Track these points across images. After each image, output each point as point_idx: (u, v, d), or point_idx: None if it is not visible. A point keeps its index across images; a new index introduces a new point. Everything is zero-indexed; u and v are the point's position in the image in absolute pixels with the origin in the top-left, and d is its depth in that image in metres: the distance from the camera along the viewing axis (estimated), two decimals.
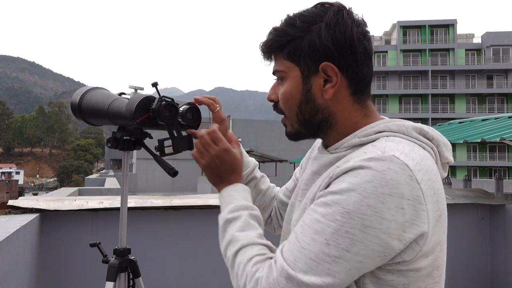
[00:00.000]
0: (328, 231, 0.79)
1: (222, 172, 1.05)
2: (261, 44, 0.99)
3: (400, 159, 0.81)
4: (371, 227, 0.77)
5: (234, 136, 1.17)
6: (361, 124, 0.95)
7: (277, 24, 0.98)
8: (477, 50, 43.30)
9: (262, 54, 1.00)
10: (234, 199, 1.00)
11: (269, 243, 0.93)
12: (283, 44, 0.95)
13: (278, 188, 1.36)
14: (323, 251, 0.79)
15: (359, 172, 0.80)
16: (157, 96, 1.47)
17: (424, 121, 40.14)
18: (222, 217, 0.99)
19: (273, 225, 1.32)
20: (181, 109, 1.48)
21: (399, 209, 0.77)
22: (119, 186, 13.58)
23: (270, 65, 1.01)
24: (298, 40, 0.93)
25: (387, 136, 0.89)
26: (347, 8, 0.93)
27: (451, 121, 7.92)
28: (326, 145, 1.00)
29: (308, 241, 0.81)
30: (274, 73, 0.99)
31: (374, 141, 0.89)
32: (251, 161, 1.32)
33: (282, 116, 1.02)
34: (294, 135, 1.01)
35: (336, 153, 0.95)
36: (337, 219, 0.79)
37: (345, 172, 0.83)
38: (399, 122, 0.92)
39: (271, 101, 1.01)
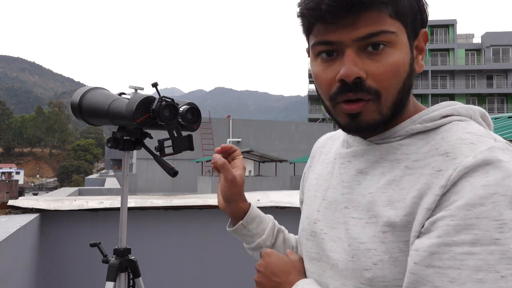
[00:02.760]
0: (493, 259, 0.57)
1: (276, 280, 0.86)
2: None
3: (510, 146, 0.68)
4: None
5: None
6: (417, 108, 0.79)
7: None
8: (477, 50, 43.31)
9: (349, 6, 0.66)
10: None
11: None
12: None
13: (292, 235, 1.12)
14: None
15: (487, 170, 0.61)
16: (157, 96, 1.47)
17: None
18: None
19: None
20: (181, 109, 1.49)
21: None
22: (119, 186, 13.59)
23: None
24: None
25: (462, 121, 0.72)
26: None
27: None
28: (364, 136, 0.80)
29: (473, 286, 0.58)
30: (370, 36, 0.68)
31: (439, 127, 0.73)
32: (268, 217, 1.08)
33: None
34: (373, 126, 0.73)
35: (386, 142, 0.76)
36: (497, 239, 0.58)
37: (464, 174, 0.63)
38: (465, 105, 0.76)
39: (357, 78, 0.69)
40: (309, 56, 0.79)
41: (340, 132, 0.93)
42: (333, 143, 0.93)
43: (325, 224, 0.82)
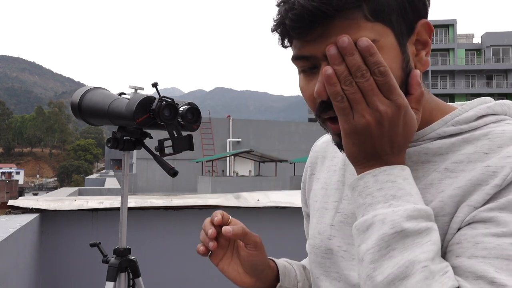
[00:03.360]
0: None
1: (384, 146, 0.59)
2: (318, 2, 0.57)
3: None
4: None
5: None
6: (440, 107, 0.71)
7: None
8: (477, 50, 43.34)
9: (312, 18, 0.58)
10: (408, 194, 0.58)
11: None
12: None
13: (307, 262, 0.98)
14: None
15: None
16: (157, 96, 1.48)
17: None
18: (394, 221, 0.55)
19: None
20: (181, 109, 1.49)
21: None
22: (119, 186, 13.59)
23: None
24: None
25: (503, 120, 0.67)
26: None
27: None
28: None
29: None
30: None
31: (475, 129, 0.66)
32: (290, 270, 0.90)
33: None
34: None
35: (413, 146, 0.68)
36: None
37: None
38: (498, 101, 0.70)
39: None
40: None
41: None
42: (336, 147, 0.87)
43: (342, 240, 0.74)
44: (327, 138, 0.90)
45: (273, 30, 0.66)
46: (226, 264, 0.83)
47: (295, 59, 0.66)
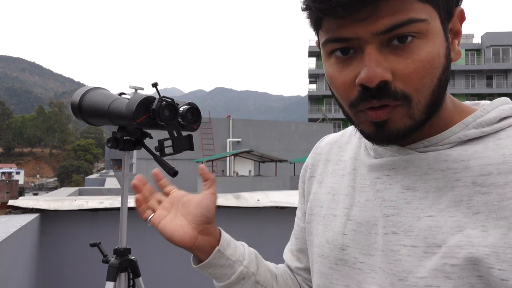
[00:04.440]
0: None
1: None
2: None
3: None
4: None
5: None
6: (458, 107, 0.67)
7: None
8: (477, 50, 43.35)
9: None
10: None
11: None
12: None
13: (282, 265, 0.94)
14: None
15: None
16: (157, 96, 1.48)
17: None
18: None
19: None
20: (181, 109, 1.49)
21: None
22: (119, 186, 13.59)
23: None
24: None
25: None
26: None
27: None
28: (399, 144, 0.66)
29: None
30: (395, 28, 0.55)
31: (497, 131, 0.62)
32: (243, 252, 0.82)
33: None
34: (404, 133, 0.60)
35: (433, 150, 0.63)
36: None
37: None
38: None
39: (381, 81, 0.56)
40: (319, 48, 0.64)
41: (346, 136, 0.81)
42: (342, 149, 0.79)
43: (358, 250, 0.68)
44: (329, 139, 0.85)
45: (305, 9, 0.59)
46: (168, 222, 0.78)
47: (332, 41, 0.58)
